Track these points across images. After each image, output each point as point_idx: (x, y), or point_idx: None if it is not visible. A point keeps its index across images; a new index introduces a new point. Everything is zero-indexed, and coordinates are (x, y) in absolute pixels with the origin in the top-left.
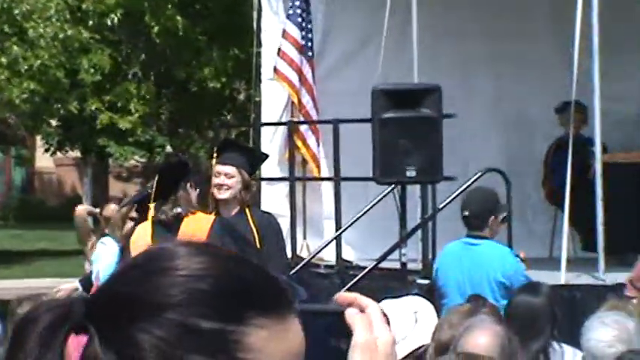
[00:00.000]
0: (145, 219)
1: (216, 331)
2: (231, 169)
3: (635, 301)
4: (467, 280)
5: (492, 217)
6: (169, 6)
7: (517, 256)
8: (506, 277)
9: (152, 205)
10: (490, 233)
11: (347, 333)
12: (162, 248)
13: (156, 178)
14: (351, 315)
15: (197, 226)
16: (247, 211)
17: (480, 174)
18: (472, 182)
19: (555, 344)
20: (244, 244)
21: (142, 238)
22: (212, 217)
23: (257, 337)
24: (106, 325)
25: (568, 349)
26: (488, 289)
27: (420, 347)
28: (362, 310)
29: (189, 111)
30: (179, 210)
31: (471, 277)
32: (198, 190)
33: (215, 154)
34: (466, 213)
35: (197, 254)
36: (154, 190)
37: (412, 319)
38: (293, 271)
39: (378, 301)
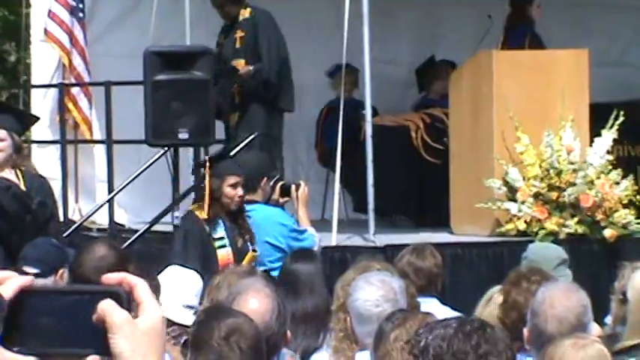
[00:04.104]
0: None
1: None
2: (1, 133)
3: None
4: None
5: (264, 179)
6: None
7: (292, 215)
8: (279, 241)
9: None
10: (262, 195)
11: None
12: None
13: None
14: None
15: None
16: (19, 173)
17: (251, 137)
18: (244, 145)
19: None
20: (24, 200)
21: None
22: None
23: None
24: None
25: None
26: (264, 253)
27: None
28: (131, 289)
29: None
30: None
31: None
32: None
33: None
34: None
35: None
36: None
37: (199, 292)
38: (65, 234)
39: (162, 266)
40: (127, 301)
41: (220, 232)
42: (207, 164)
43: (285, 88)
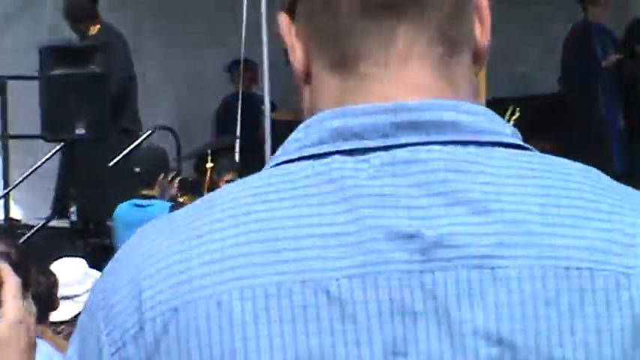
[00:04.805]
0: None
1: None
2: None
3: None
4: None
5: (162, 175)
6: None
7: None
8: None
9: None
10: (159, 192)
11: None
12: None
13: None
14: None
15: None
16: None
17: (149, 132)
18: (142, 140)
19: None
20: None
21: None
22: None
23: None
24: None
25: None
26: None
27: None
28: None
29: None
30: None
31: None
32: None
33: None
34: (137, 170)
35: None
36: None
37: (82, 279)
38: None
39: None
40: None
41: None
42: (211, 159)
43: (129, 107)
